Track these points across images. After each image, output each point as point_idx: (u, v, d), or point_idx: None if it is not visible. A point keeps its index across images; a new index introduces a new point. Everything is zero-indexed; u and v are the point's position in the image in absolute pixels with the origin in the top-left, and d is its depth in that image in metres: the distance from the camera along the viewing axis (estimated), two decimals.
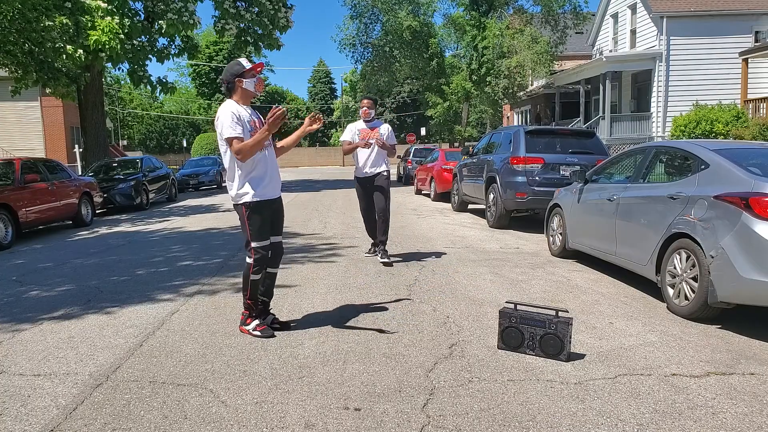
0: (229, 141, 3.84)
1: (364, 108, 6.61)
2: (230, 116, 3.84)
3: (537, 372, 3.40)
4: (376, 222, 6.67)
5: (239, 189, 3.96)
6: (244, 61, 4.02)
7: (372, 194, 6.65)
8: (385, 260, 6.56)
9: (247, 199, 3.94)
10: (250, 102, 4.07)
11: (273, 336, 4.07)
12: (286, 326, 4.29)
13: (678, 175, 5.01)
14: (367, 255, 7.06)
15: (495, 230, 9.47)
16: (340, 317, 4.56)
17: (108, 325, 4.49)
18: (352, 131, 6.66)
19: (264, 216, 4.01)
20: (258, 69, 4.04)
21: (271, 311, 4.37)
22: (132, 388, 3.26)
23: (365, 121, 6.64)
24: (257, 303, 4.17)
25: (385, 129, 6.64)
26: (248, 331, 4.13)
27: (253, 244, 3.99)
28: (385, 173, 6.65)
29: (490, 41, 24.54)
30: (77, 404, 3.07)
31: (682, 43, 19.28)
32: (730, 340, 3.97)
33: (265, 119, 3.86)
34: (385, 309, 4.76)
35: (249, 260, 4.02)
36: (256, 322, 4.13)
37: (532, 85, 28.16)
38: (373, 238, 6.92)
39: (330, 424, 2.80)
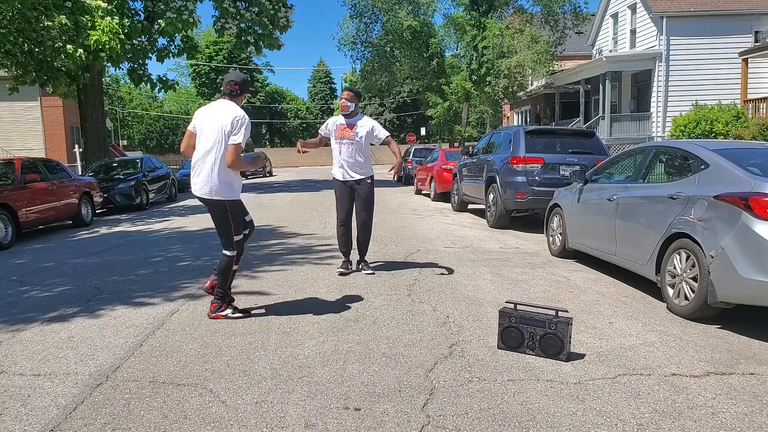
0: (239, 146, 4.22)
1: (342, 100, 5.87)
2: (249, 125, 4.29)
3: (537, 372, 3.40)
4: (353, 236, 6.09)
5: (227, 186, 4.31)
6: None
7: (353, 203, 5.99)
8: (370, 272, 6.05)
9: (236, 196, 4.39)
10: None
11: (249, 315, 4.59)
12: (246, 312, 4.69)
13: (678, 175, 5.01)
14: (343, 273, 6.00)
15: (495, 230, 9.47)
16: (340, 317, 4.56)
17: (108, 325, 4.49)
18: (328, 125, 5.98)
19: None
20: None
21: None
22: (132, 388, 3.26)
23: (344, 115, 5.90)
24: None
25: (365, 123, 5.88)
26: (224, 316, 4.53)
27: (236, 238, 4.46)
28: (369, 180, 5.94)
29: (490, 41, 24.54)
30: (77, 404, 3.07)
31: (682, 43, 19.28)
32: (730, 340, 3.97)
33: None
34: (385, 309, 4.76)
35: (231, 253, 4.45)
36: (231, 309, 4.60)
37: (531, 85, 28.16)
38: (347, 255, 6.14)
39: (330, 424, 2.80)
